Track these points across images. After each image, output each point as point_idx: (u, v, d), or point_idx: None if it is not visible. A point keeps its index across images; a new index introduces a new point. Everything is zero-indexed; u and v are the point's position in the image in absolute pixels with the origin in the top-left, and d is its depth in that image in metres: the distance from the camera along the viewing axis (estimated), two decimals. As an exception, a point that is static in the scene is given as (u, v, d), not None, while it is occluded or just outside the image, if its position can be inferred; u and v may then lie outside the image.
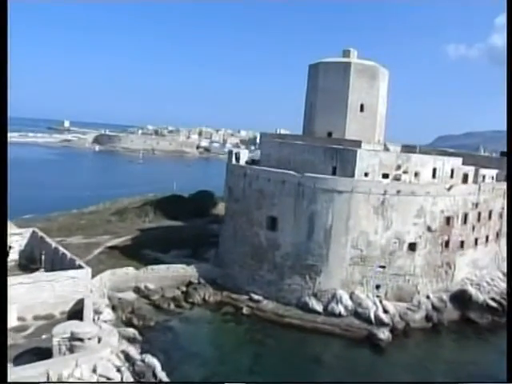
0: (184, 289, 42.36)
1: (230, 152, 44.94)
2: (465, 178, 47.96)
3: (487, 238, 48.99)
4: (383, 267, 39.85)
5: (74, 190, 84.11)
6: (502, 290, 46.19)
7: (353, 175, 39.32)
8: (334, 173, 40.38)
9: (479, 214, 46.53)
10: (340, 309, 38.44)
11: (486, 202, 47.26)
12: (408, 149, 49.86)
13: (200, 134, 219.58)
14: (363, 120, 54.29)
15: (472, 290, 43.13)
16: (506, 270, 51.77)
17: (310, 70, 56.78)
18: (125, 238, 53.62)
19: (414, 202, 39.76)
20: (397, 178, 40.65)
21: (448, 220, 42.39)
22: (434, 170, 43.36)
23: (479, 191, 45.58)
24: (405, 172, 41.22)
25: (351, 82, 53.54)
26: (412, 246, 40.50)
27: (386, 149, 47.19)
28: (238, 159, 45.01)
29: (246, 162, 45.76)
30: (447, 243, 42.86)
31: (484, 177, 50.87)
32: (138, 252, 48.87)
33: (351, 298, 39.11)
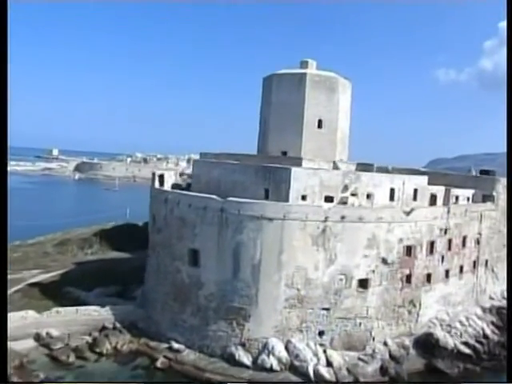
0: (96, 335, 34.47)
1: (154, 174, 37.47)
2: (433, 200, 39.99)
3: (461, 268, 40.72)
4: (327, 309, 31.72)
5: (35, 219, 76.85)
6: (478, 331, 37.75)
7: (287, 199, 31.61)
8: (266, 196, 32.68)
9: (450, 241, 38.40)
10: (272, 362, 30.23)
11: (458, 227, 39.18)
12: (364, 167, 42.04)
13: (188, 161, 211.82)
14: (321, 137, 46.75)
15: (439, 334, 34.74)
16: (485, 305, 43.53)
17: (264, 83, 49.58)
18: (54, 274, 45.97)
19: (363, 229, 31.81)
20: (343, 202, 32.86)
21: (409, 250, 34.31)
22: (392, 191, 35.49)
23: (448, 215, 37.57)
24: (353, 194, 33.40)
25: (307, 94, 46.24)
26: (363, 283, 32.41)
27: (335, 167, 39.51)
28: (162, 182, 37.43)
29: (178, 187, 38.04)
30: (409, 278, 34.70)
31: (457, 198, 42.87)
32: (60, 290, 41.19)
33: (287, 348, 30.92)
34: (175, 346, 32.59)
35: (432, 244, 36.15)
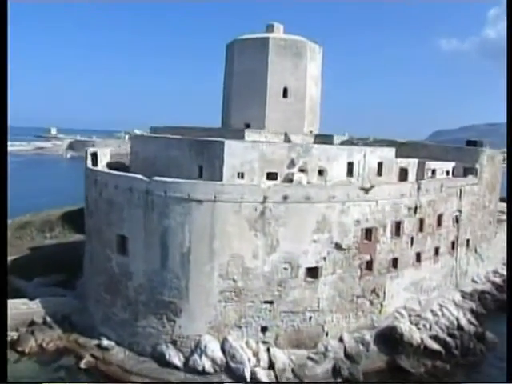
0: (24, 331, 30.24)
1: (86, 152, 32.52)
2: (403, 175, 34.49)
3: (437, 250, 35.33)
4: (270, 303, 26.82)
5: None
6: (451, 321, 32.57)
7: (221, 177, 26.47)
8: (200, 175, 27.58)
9: (421, 220, 32.94)
10: (204, 363, 25.56)
11: (431, 204, 33.64)
12: (323, 139, 36.36)
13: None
14: (287, 107, 41.27)
15: (404, 327, 29.65)
16: (466, 289, 38.35)
17: (227, 51, 43.97)
18: (3, 260, 41.73)
19: (310, 211, 26.55)
20: (289, 179, 27.60)
21: (368, 233, 29.03)
22: (350, 166, 30.04)
23: (419, 191, 32.06)
24: (302, 170, 28.05)
25: (270, 61, 40.67)
26: (312, 272, 27.34)
27: (287, 140, 34.07)
28: (95, 161, 32.45)
29: (121, 165, 32.92)
30: (370, 264, 29.50)
31: (434, 172, 37.24)
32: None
33: (223, 347, 26.25)
34: (104, 343, 28.11)
35: (398, 225, 30.74)
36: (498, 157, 42.17)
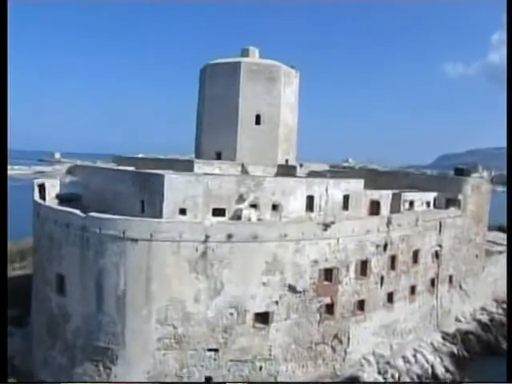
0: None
1: (33, 184, 30.14)
2: (375, 208, 31.37)
3: (413, 289, 31.95)
4: (215, 351, 23.79)
5: None
6: (426, 368, 28.94)
7: (161, 213, 23.80)
8: (143, 210, 24.98)
9: (393, 258, 29.72)
10: (139, 420, 22.72)
11: (405, 240, 30.41)
12: (286, 170, 33.15)
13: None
14: (260, 135, 38.68)
15: (367, 377, 26.27)
16: (448, 330, 34.70)
17: (200, 75, 41.75)
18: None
19: (259, 250, 23.62)
20: (238, 216, 24.78)
21: (328, 274, 25.93)
22: (310, 200, 27.10)
23: (389, 226, 28.91)
24: (253, 205, 25.24)
25: (242, 86, 38.31)
26: (263, 318, 24.25)
27: (244, 171, 31.25)
28: (43, 193, 30.07)
29: (61, 198, 30.39)
30: (330, 307, 26.33)
31: (411, 203, 34.00)
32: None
33: (161, 400, 23.33)
34: (39, 390, 25.47)
35: (365, 264, 27.60)
36: (485, 186, 38.65)
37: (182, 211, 23.71)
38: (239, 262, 23.39)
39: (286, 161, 40.21)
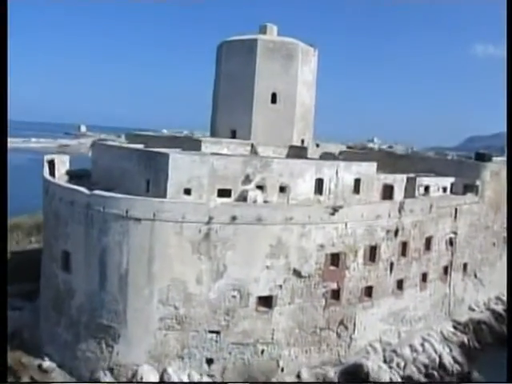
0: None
1: (43, 160, 29.95)
2: (388, 192, 30.28)
3: (424, 276, 30.97)
4: (217, 333, 23.46)
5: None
6: (433, 358, 28.10)
7: (165, 193, 23.29)
8: (148, 189, 24.51)
9: (404, 244, 28.72)
10: (140, 397, 22.70)
11: (417, 226, 29.32)
12: (297, 151, 32.05)
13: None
14: (276, 114, 37.64)
15: (371, 365, 25.60)
16: (460, 319, 33.74)
17: (217, 52, 40.73)
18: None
19: (263, 233, 23.00)
20: (244, 197, 24.10)
21: (335, 259, 25.21)
22: (320, 182, 26.21)
23: (401, 212, 27.86)
24: (260, 187, 24.51)
25: (258, 64, 37.14)
26: (266, 301, 23.77)
27: (254, 152, 30.36)
28: (52, 170, 29.86)
29: (71, 175, 30.13)
30: (336, 293, 25.63)
31: (427, 188, 32.76)
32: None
33: (162, 378, 23.19)
34: (45, 364, 25.45)
35: (374, 250, 26.72)
36: (504, 172, 36.95)
37: (187, 191, 23.17)
38: (243, 245, 22.84)
39: (302, 141, 39.16)
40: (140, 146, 29.03)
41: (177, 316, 23.09)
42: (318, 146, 44.46)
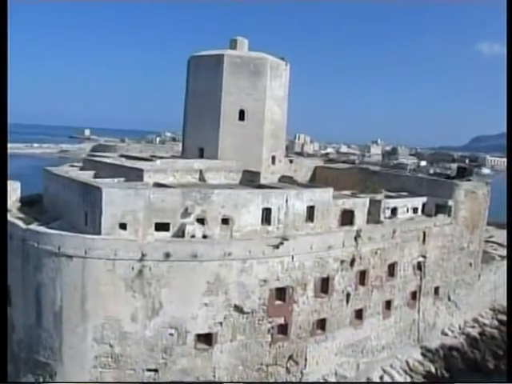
0: None
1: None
2: (348, 218, 29.05)
3: (388, 304, 29.84)
4: (155, 371, 22.87)
5: None
6: (392, 393, 27.12)
7: (100, 228, 22.60)
8: (86, 222, 23.88)
9: (362, 273, 27.64)
10: None
11: (378, 253, 28.19)
12: (250, 176, 30.81)
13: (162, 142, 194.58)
14: (244, 131, 36.47)
15: (320, 405, 24.77)
16: (431, 345, 32.54)
17: (187, 67, 39.77)
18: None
19: (199, 270, 22.23)
20: (182, 231, 23.29)
21: (282, 293, 24.30)
22: (268, 212, 25.19)
23: (357, 240, 26.74)
24: (200, 219, 23.65)
25: (225, 80, 35.95)
26: (206, 339, 23.03)
27: (202, 178, 29.30)
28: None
29: (24, 202, 29.23)
30: (284, 328, 24.77)
31: (394, 210, 31.51)
32: None
33: (97, 419, 22.71)
34: (-10, 397, 25.44)
35: (326, 281, 25.69)
36: (482, 190, 35.36)
37: (123, 226, 22.39)
38: (178, 282, 22.06)
39: (273, 157, 38.07)
40: (90, 174, 28.39)
41: (112, 354, 22.46)
42: (291, 161, 43.46)
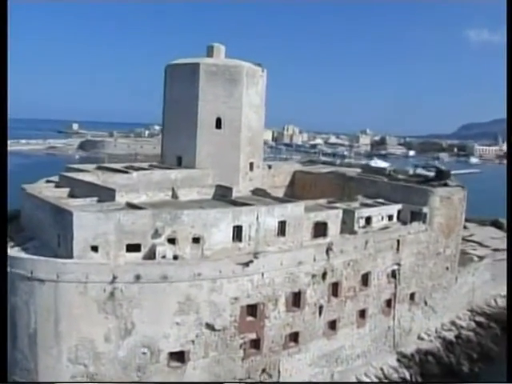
0: None
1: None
2: (321, 230, 29.80)
3: (362, 313, 30.67)
4: (130, 389, 23.76)
5: None
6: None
7: (72, 252, 23.22)
8: (59, 244, 24.42)
9: (335, 285, 28.42)
10: None
11: (351, 264, 28.91)
12: (223, 191, 31.41)
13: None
14: (221, 139, 37.00)
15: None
16: (407, 350, 33.49)
17: (164, 76, 40.11)
18: None
19: (169, 291, 22.86)
20: (153, 252, 23.96)
21: (253, 310, 25.06)
22: (239, 230, 25.88)
23: (329, 254, 27.46)
24: (171, 239, 24.32)
25: (201, 88, 36.39)
26: (178, 357, 23.82)
27: (175, 196, 29.87)
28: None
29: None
30: (256, 343, 25.57)
31: (368, 219, 32.25)
32: None
33: None
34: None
35: (297, 295, 26.46)
36: (458, 195, 36.07)
37: (94, 248, 23.06)
38: (149, 303, 22.75)
39: (251, 164, 38.64)
40: (65, 192, 28.90)
41: (87, 374, 23.22)
42: (270, 167, 44.07)
